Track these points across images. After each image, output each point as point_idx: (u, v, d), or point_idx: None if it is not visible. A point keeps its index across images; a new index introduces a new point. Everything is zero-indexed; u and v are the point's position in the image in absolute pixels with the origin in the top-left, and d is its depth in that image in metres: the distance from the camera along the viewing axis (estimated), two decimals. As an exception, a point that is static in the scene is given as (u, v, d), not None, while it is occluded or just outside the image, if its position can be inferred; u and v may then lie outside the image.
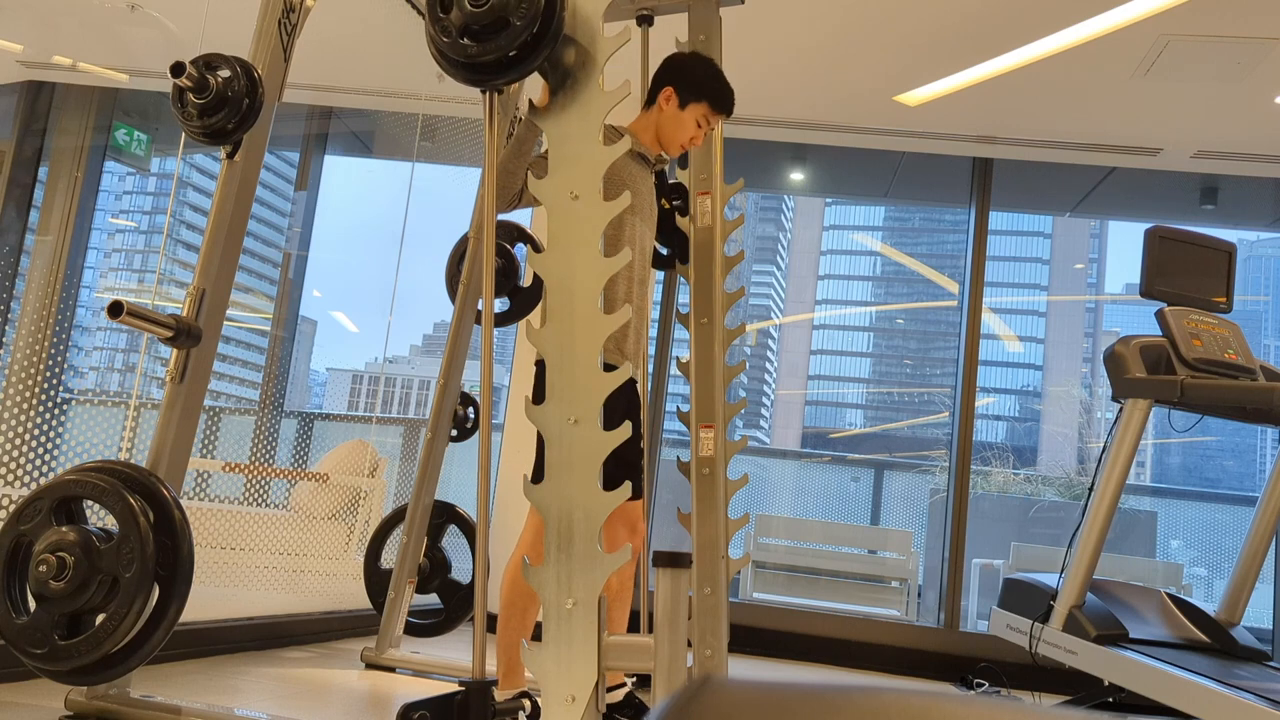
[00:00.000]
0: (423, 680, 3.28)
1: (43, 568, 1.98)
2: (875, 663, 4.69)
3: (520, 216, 2.65)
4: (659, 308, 5.13)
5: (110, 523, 2.04)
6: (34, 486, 2.50)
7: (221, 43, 2.48)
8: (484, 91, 2.06)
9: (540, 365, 2.38)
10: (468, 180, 4.97)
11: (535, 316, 3.37)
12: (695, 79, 2.65)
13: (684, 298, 2.93)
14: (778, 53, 4.34)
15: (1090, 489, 3.38)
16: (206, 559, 3.52)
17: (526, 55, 1.92)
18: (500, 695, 2.55)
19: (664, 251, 2.91)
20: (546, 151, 2.05)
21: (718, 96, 2.65)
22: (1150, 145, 4.82)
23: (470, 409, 3.56)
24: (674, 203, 2.87)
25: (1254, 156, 4.82)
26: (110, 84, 5.72)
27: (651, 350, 5.04)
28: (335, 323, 8.32)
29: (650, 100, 2.69)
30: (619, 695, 2.64)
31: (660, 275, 4.27)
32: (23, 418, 2.80)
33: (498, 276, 3.33)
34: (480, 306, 3.27)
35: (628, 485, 1.90)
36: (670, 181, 2.88)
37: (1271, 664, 3.38)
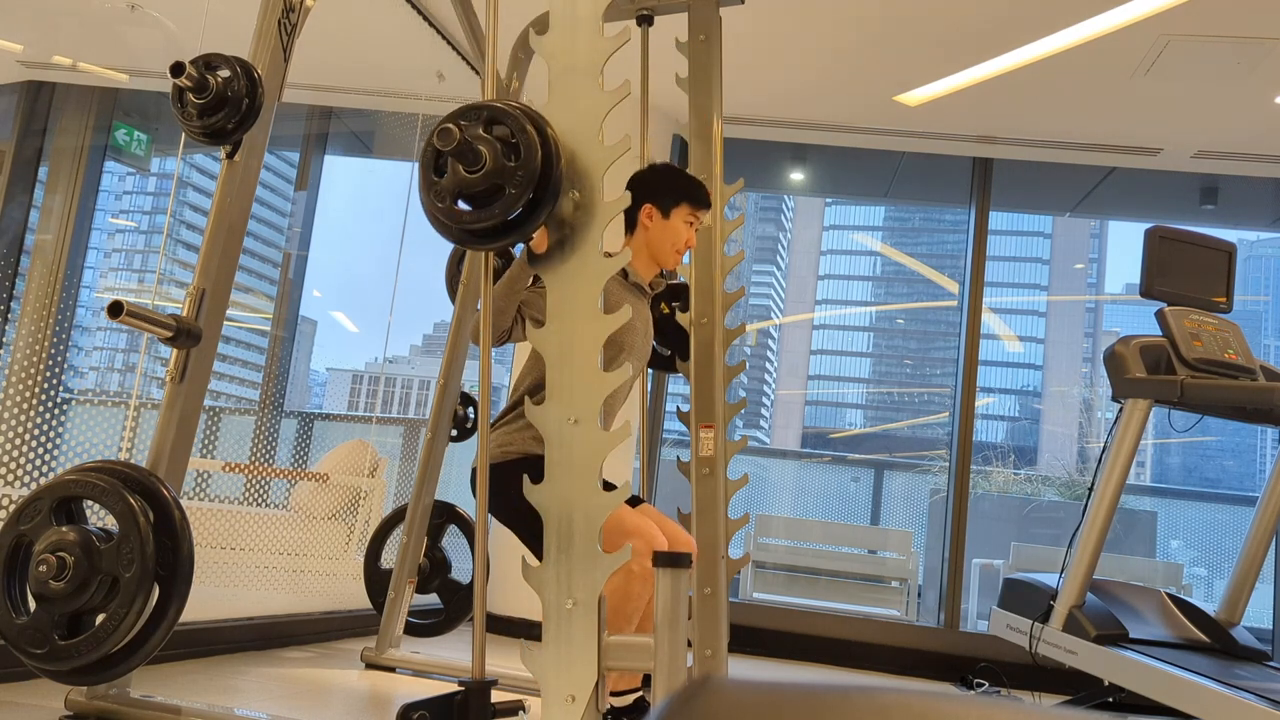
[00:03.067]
0: (423, 680, 3.27)
1: (43, 568, 1.98)
2: (875, 663, 4.69)
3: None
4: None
5: (110, 523, 2.04)
6: (34, 486, 2.49)
7: (221, 43, 2.48)
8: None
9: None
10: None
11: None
12: (667, 186, 2.61)
13: (682, 388, 2.93)
14: (778, 52, 4.33)
15: (1090, 489, 3.37)
16: (206, 559, 3.52)
17: (524, 219, 1.87)
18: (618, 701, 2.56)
19: (665, 352, 2.90)
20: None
21: (694, 192, 2.61)
22: (1150, 145, 4.82)
23: (470, 409, 3.56)
24: (673, 305, 2.86)
25: (1254, 156, 4.82)
26: (110, 84, 5.72)
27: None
28: (335, 323, 8.32)
29: (630, 226, 2.64)
30: (629, 700, 2.64)
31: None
32: (23, 418, 2.80)
33: (496, 276, 3.32)
34: (480, 306, 3.26)
35: (628, 485, 1.90)
36: (670, 283, 2.85)
37: (1271, 664, 3.38)
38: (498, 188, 1.85)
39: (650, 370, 3.27)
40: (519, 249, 2.42)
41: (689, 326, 2.82)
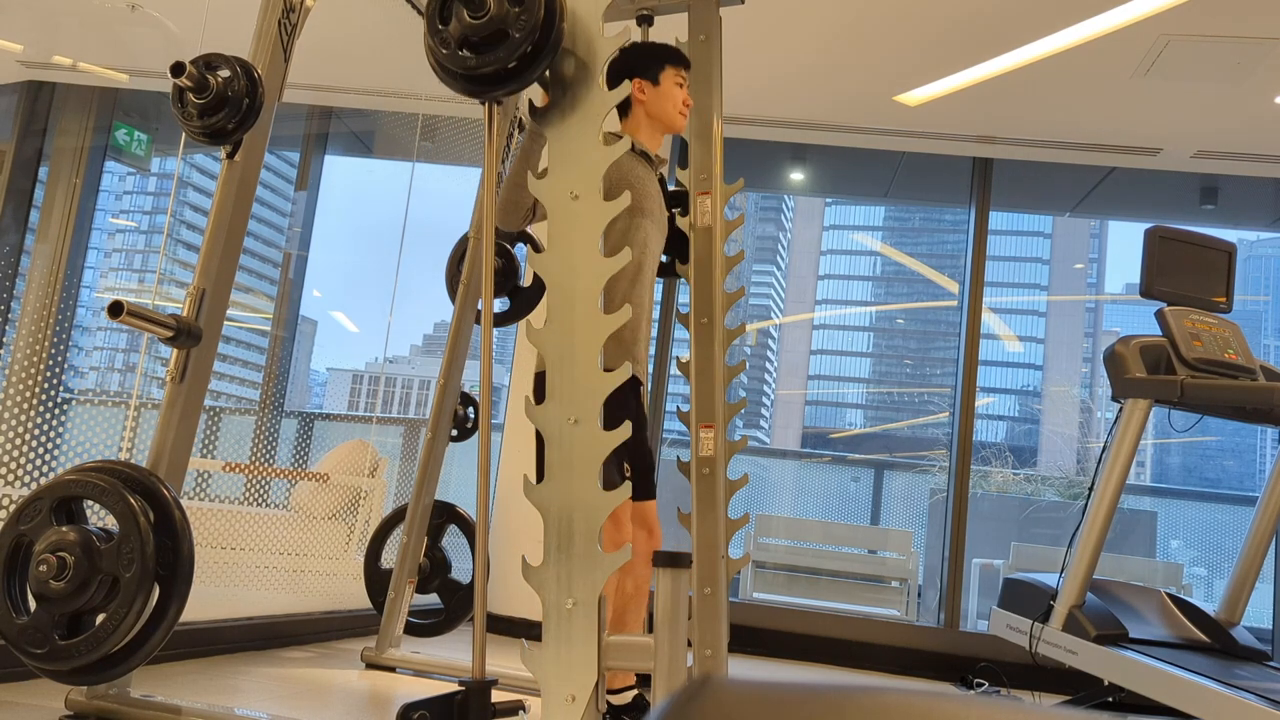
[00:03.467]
0: (423, 680, 3.28)
1: (43, 568, 1.98)
2: (875, 663, 4.69)
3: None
4: (658, 308, 5.13)
5: (110, 523, 2.04)
6: (34, 486, 2.49)
7: (221, 43, 2.48)
8: (483, 102, 2.06)
9: (540, 375, 2.38)
10: (468, 180, 4.97)
11: (537, 316, 3.37)
12: (645, 56, 2.71)
13: (684, 297, 2.93)
14: (778, 53, 4.34)
15: (1090, 489, 3.37)
16: (207, 559, 3.52)
17: (526, 66, 1.92)
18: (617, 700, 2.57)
19: (664, 258, 2.91)
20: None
21: (672, 53, 2.72)
22: (1150, 145, 4.83)
23: (470, 409, 3.56)
24: (674, 208, 2.87)
25: (1254, 156, 4.82)
26: (110, 84, 5.72)
27: (651, 350, 5.05)
28: (335, 323, 8.32)
29: (624, 109, 2.71)
30: (628, 697, 2.64)
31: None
32: (23, 418, 2.80)
33: (498, 276, 3.33)
34: (480, 306, 3.27)
35: (628, 485, 1.91)
36: (670, 189, 2.88)
37: (1271, 664, 3.38)
38: (501, 33, 1.89)
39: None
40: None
41: (688, 231, 2.83)
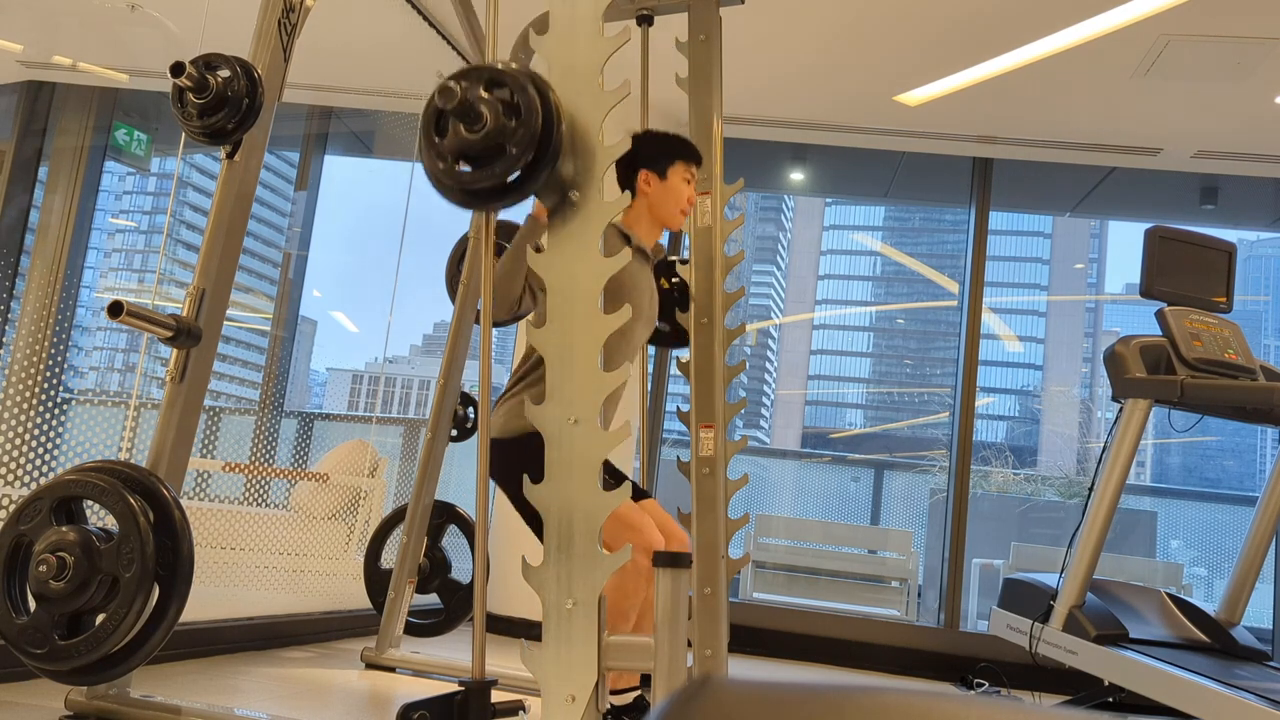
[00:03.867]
0: (423, 680, 3.28)
1: (43, 568, 1.98)
2: (875, 663, 4.69)
3: (519, 215, 2.65)
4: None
5: (110, 523, 2.04)
6: (34, 486, 2.49)
7: (221, 43, 2.47)
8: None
9: (499, 443, 2.39)
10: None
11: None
12: (658, 148, 2.65)
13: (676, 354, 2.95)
14: (778, 52, 4.33)
15: (1090, 489, 3.37)
16: (206, 559, 3.51)
17: (524, 181, 1.87)
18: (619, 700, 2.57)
19: (665, 328, 2.91)
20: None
21: (685, 149, 2.65)
22: (1150, 145, 4.82)
23: (470, 409, 3.56)
24: (673, 281, 2.86)
25: (1254, 156, 4.82)
26: (110, 84, 5.71)
27: (651, 351, 5.05)
28: (335, 323, 8.32)
29: (630, 195, 2.65)
30: (629, 698, 2.64)
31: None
32: (23, 418, 2.79)
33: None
34: (480, 306, 3.26)
35: (628, 485, 1.90)
36: (668, 259, 2.87)
37: (1271, 664, 3.37)
38: (499, 147, 1.85)
39: (651, 350, 3.27)
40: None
41: (686, 324, 2.83)
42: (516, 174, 1.85)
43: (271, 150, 2.62)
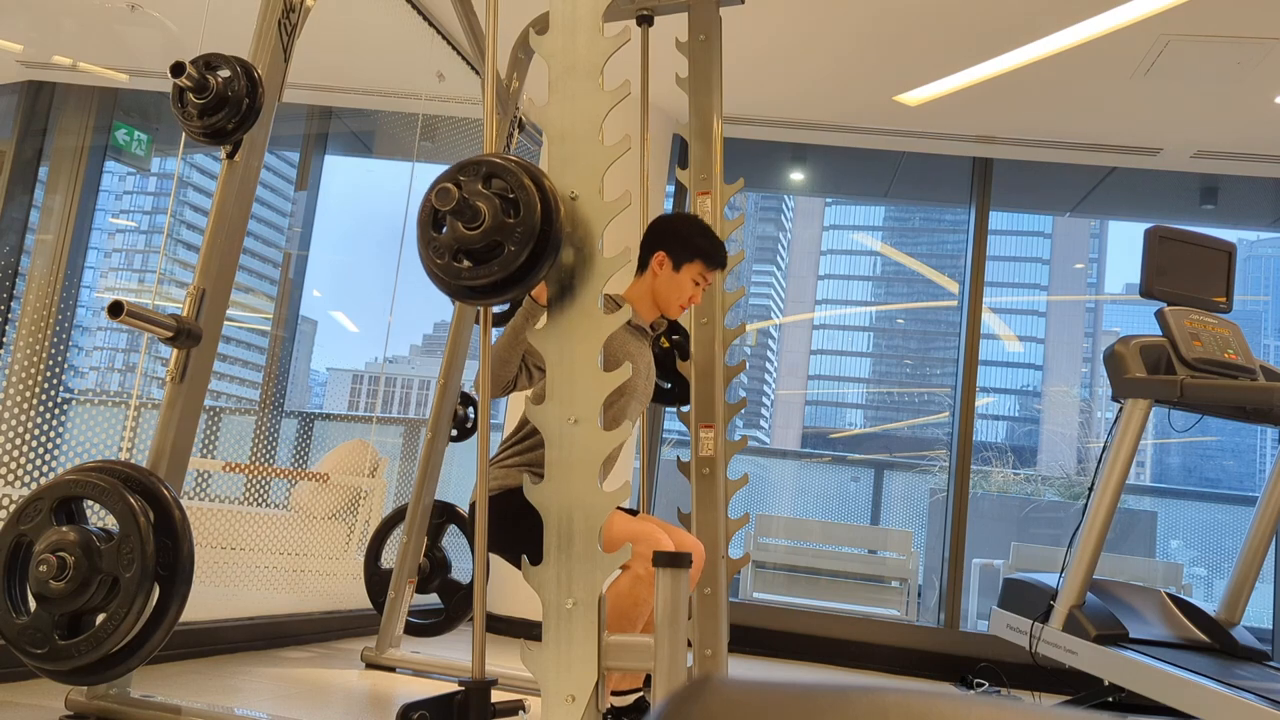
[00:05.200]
0: (423, 680, 3.28)
1: (43, 568, 1.98)
2: (875, 663, 4.69)
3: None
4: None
5: (110, 523, 2.04)
6: (34, 486, 2.49)
7: (221, 43, 2.48)
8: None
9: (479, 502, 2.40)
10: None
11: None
12: (685, 240, 2.60)
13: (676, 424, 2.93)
14: (778, 52, 4.33)
15: (1090, 489, 3.37)
16: (207, 559, 3.51)
17: (524, 275, 1.86)
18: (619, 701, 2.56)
19: (666, 385, 2.90)
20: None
21: (711, 254, 2.61)
22: (1150, 145, 4.82)
23: (470, 409, 3.55)
24: (673, 339, 2.85)
25: (1254, 156, 4.82)
26: (110, 84, 5.71)
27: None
28: (335, 323, 8.31)
29: (641, 266, 2.64)
30: (630, 699, 2.64)
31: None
32: (23, 418, 2.79)
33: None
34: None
35: (628, 484, 1.90)
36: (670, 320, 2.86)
37: (1271, 664, 3.37)
38: (497, 244, 1.84)
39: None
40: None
41: (688, 375, 2.82)
42: (516, 268, 1.83)
43: (271, 150, 2.63)
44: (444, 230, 1.87)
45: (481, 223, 1.83)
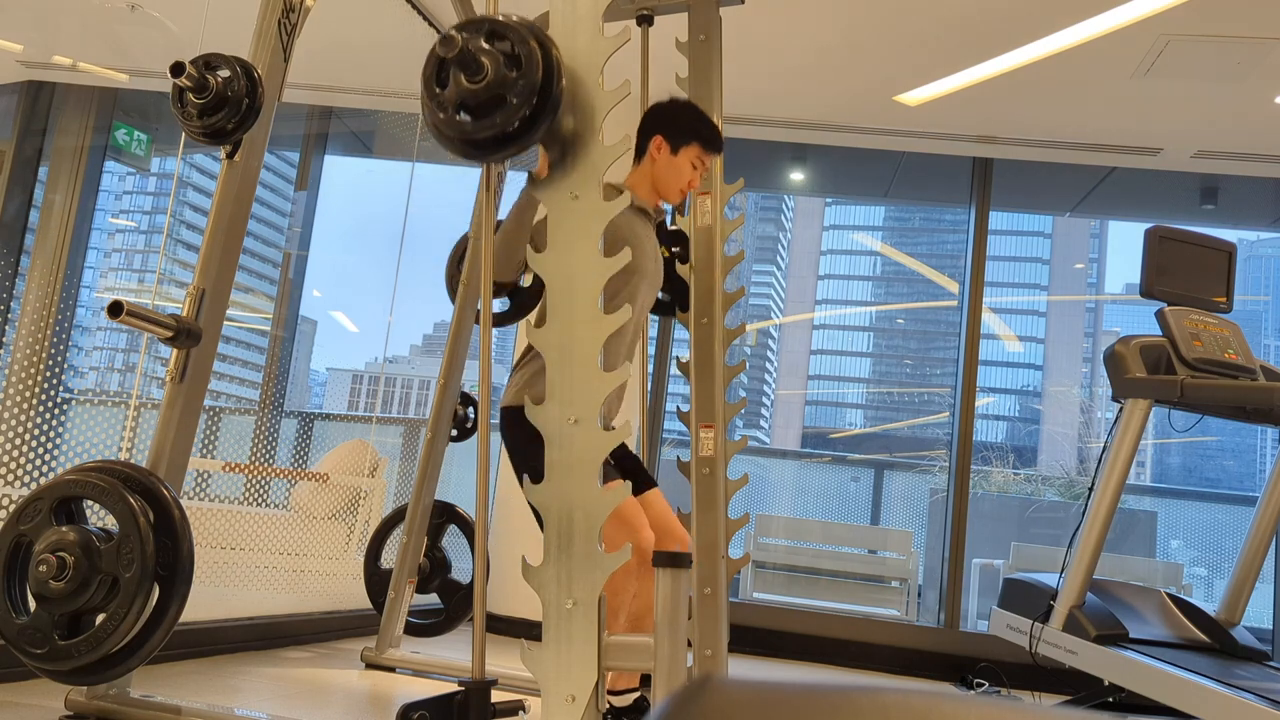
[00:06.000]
0: (423, 680, 3.27)
1: (43, 568, 1.98)
2: (875, 662, 4.69)
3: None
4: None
5: (110, 523, 2.04)
6: (34, 486, 2.49)
7: (221, 43, 2.47)
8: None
9: (508, 411, 2.42)
10: (468, 180, 4.96)
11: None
12: (683, 123, 2.64)
13: (680, 334, 2.93)
14: (778, 53, 4.33)
15: (1090, 489, 3.37)
16: (206, 559, 3.51)
17: (525, 130, 1.88)
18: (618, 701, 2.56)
19: (664, 298, 2.90)
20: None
21: (708, 136, 2.64)
22: (1150, 145, 4.82)
23: (470, 409, 3.55)
24: (673, 250, 2.86)
25: (1254, 156, 4.82)
26: (110, 84, 5.71)
27: (651, 350, 5.05)
28: (335, 323, 8.32)
29: (640, 152, 2.67)
30: (630, 699, 2.64)
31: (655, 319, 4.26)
32: (23, 418, 2.79)
33: (498, 290, 3.32)
34: (480, 306, 3.26)
35: (627, 484, 1.90)
36: (670, 228, 2.87)
37: (1271, 664, 3.37)
38: (499, 98, 1.86)
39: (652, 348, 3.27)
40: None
41: (688, 277, 2.82)
42: (517, 124, 1.86)
43: (271, 150, 2.62)
44: (447, 86, 1.89)
45: (484, 76, 1.85)
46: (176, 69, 2.25)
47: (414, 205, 4.48)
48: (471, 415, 3.55)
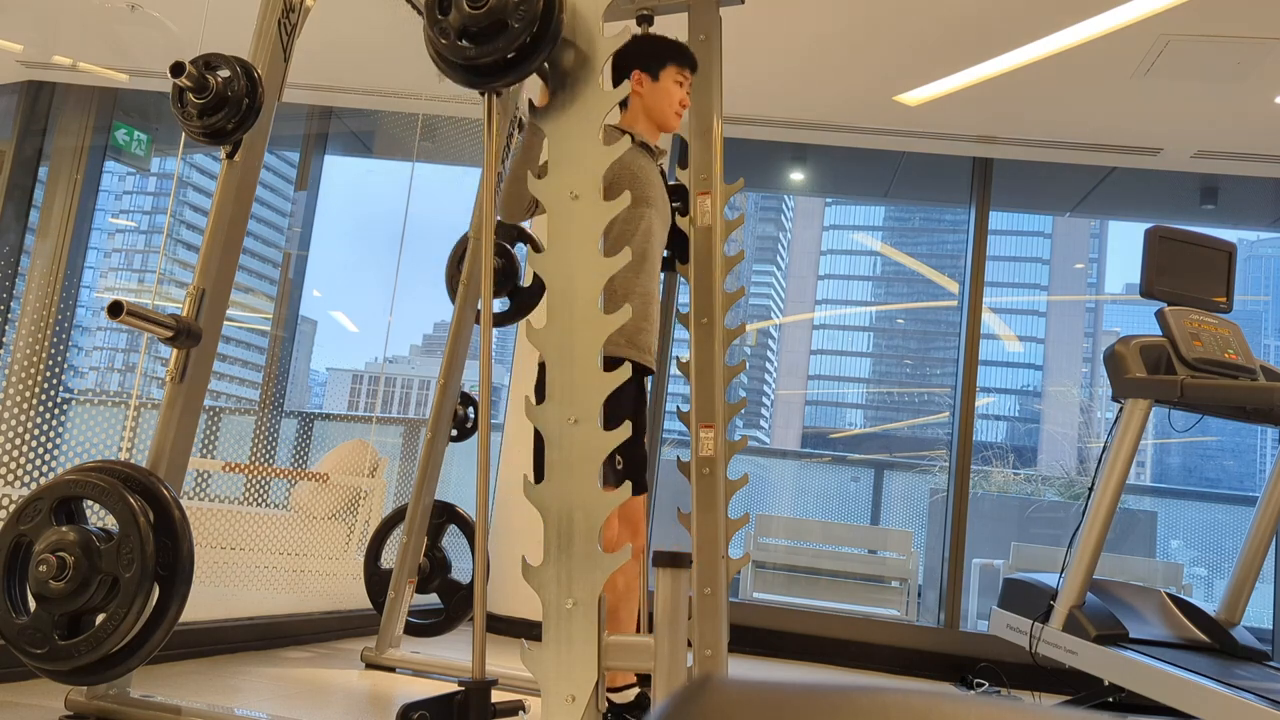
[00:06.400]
0: (423, 680, 3.27)
1: (43, 568, 1.97)
2: (875, 663, 4.69)
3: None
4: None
5: (110, 523, 2.03)
6: (34, 486, 2.48)
7: (221, 42, 2.47)
8: (483, 93, 2.07)
9: (543, 366, 2.38)
10: (468, 180, 4.97)
11: (537, 316, 3.37)
12: (650, 50, 2.72)
13: (684, 297, 2.93)
14: (778, 52, 4.33)
15: (1090, 489, 3.37)
16: (206, 559, 3.51)
17: (525, 57, 1.92)
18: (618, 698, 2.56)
19: (664, 253, 2.91)
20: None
21: (678, 52, 2.72)
22: (1150, 145, 4.82)
23: (470, 409, 3.54)
24: (673, 204, 2.87)
25: (1254, 156, 4.82)
26: (110, 84, 5.71)
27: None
28: (335, 323, 8.32)
29: (623, 102, 2.72)
30: (630, 695, 2.64)
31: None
32: (23, 418, 2.79)
33: (497, 276, 3.32)
34: (480, 306, 3.26)
35: (628, 485, 1.90)
36: (670, 183, 2.88)
37: (1271, 664, 3.37)
38: (501, 23, 1.89)
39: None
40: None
41: (688, 230, 2.83)
42: (517, 50, 1.90)
43: (271, 150, 2.62)
44: (450, 12, 1.93)
45: (486, 1, 1.89)
46: (176, 69, 2.25)
47: (414, 205, 4.49)
48: (472, 415, 3.54)
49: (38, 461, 2.81)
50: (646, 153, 2.68)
